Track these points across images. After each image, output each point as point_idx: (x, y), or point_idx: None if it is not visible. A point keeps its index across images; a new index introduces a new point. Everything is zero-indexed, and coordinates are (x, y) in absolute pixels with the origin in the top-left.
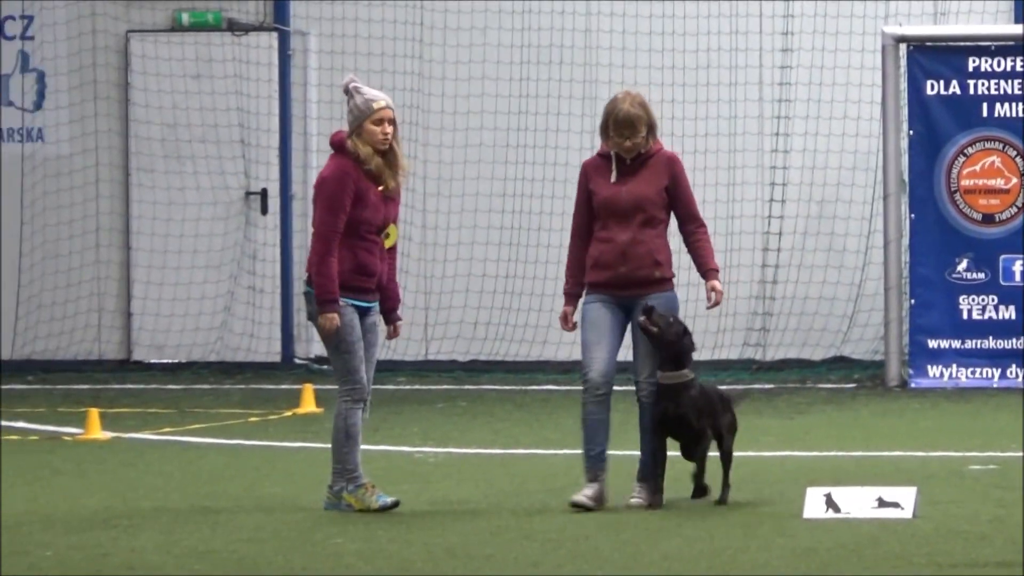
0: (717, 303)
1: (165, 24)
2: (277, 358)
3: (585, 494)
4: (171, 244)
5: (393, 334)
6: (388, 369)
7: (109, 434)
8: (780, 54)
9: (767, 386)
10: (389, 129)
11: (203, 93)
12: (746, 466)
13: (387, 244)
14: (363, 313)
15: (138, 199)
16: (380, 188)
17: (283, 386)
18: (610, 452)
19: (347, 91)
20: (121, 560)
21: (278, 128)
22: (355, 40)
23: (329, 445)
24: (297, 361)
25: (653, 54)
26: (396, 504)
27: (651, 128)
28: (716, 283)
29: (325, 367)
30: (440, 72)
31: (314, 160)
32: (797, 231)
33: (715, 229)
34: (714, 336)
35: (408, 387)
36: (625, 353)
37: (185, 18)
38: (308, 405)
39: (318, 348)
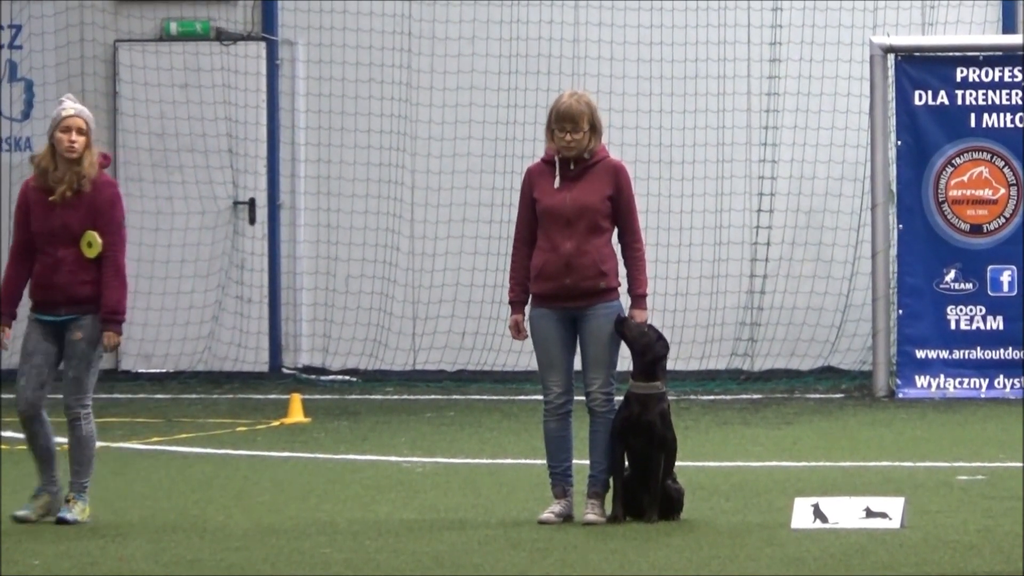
0: None
1: (153, 33)
2: (265, 368)
3: (552, 511)
4: (159, 254)
5: (104, 346)
6: (376, 379)
7: (97, 444)
8: (768, 64)
9: (755, 396)
10: (76, 138)
11: (191, 102)
12: (734, 476)
13: (90, 254)
14: (60, 327)
15: (126, 209)
16: (52, 197)
17: (271, 396)
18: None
19: None
20: (109, 568)
21: (266, 138)
22: (343, 50)
23: (315, 455)
24: (285, 371)
25: (641, 64)
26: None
27: (595, 128)
28: (638, 313)
29: (313, 377)
30: (428, 82)
31: (302, 170)
32: (785, 241)
33: (703, 239)
34: (702, 346)
35: (396, 397)
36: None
37: (173, 27)
38: (296, 415)
39: (306, 358)
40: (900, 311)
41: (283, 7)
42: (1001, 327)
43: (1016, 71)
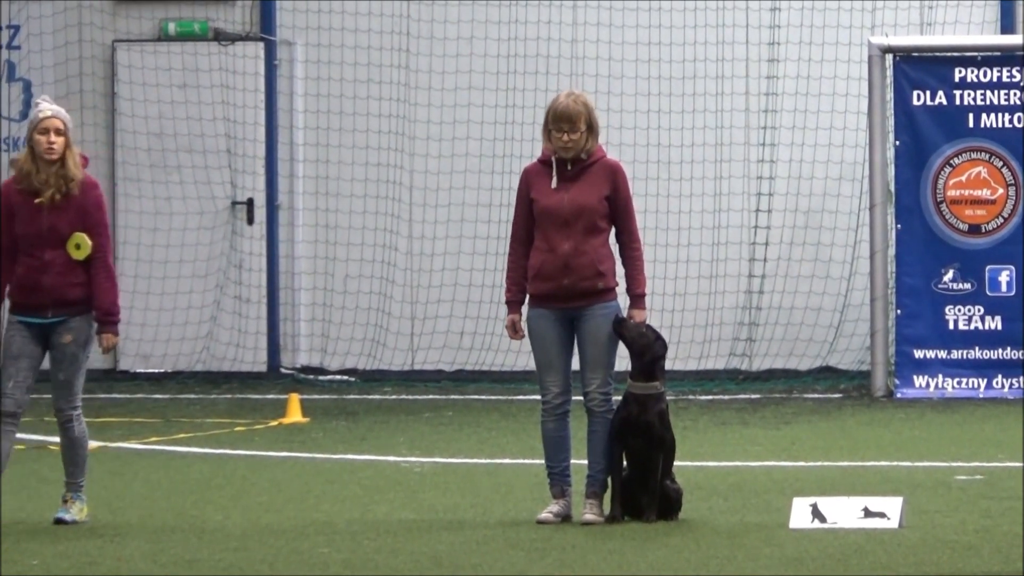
0: None
1: (151, 34)
2: (263, 368)
3: (551, 511)
4: (157, 254)
5: (101, 348)
6: (375, 379)
7: (95, 444)
8: (767, 64)
9: (753, 396)
10: (55, 139)
11: (189, 103)
12: (732, 476)
13: (79, 256)
14: (47, 330)
15: (124, 209)
16: (38, 200)
17: (269, 396)
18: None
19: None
20: (108, 568)
21: (264, 138)
22: (341, 50)
23: (313, 455)
24: (283, 371)
25: (640, 64)
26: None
27: (592, 128)
28: (637, 313)
29: (311, 377)
30: (426, 82)
31: (300, 170)
32: (783, 241)
33: (702, 239)
34: (700, 346)
35: (394, 397)
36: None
37: (171, 28)
38: (294, 415)
39: (304, 358)
40: (898, 311)
41: (281, 7)
42: (999, 327)
43: (1014, 71)
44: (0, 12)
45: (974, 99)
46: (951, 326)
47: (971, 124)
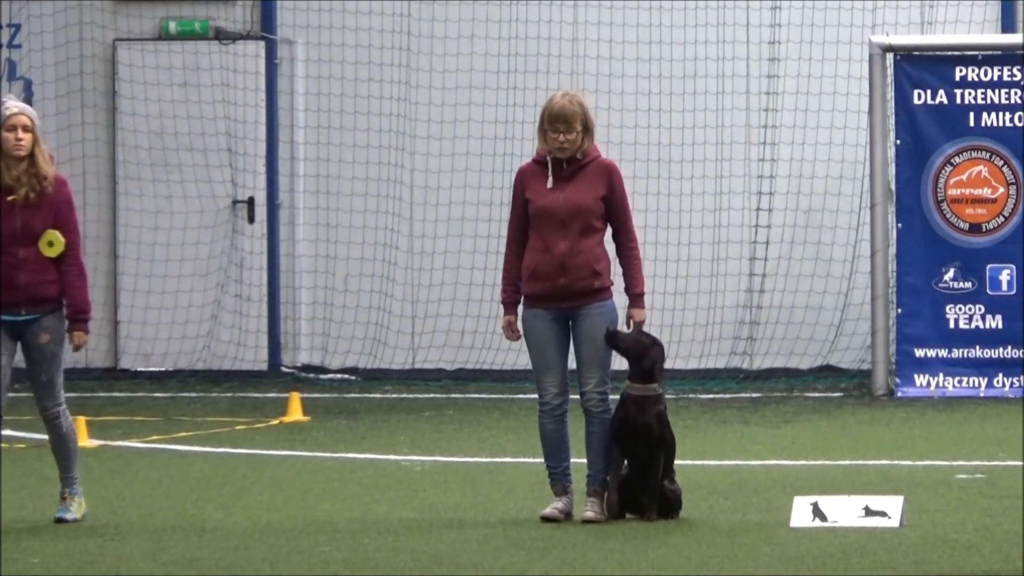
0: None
1: (152, 33)
2: (264, 366)
3: (556, 507)
4: (158, 252)
5: (71, 345)
6: (376, 378)
7: (96, 442)
8: (767, 63)
9: (754, 395)
10: (23, 136)
11: (190, 102)
12: (733, 475)
13: (51, 253)
14: (20, 327)
15: (125, 207)
16: (11, 198)
17: (270, 394)
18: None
19: None
20: (108, 567)
21: (265, 137)
22: (342, 49)
23: (314, 454)
24: (284, 369)
25: (640, 63)
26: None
27: (587, 128)
28: (636, 312)
29: (312, 375)
30: (427, 81)
31: (301, 168)
32: (784, 240)
33: (702, 239)
34: (701, 345)
35: (395, 396)
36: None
37: (172, 27)
38: (295, 414)
39: (305, 357)
40: (899, 310)
41: (282, 6)
42: (1000, 326)
43: (1015, 70)
44: (1, 11)
45: (975, 98)
46: (952, 325)
47: (972, 123)
